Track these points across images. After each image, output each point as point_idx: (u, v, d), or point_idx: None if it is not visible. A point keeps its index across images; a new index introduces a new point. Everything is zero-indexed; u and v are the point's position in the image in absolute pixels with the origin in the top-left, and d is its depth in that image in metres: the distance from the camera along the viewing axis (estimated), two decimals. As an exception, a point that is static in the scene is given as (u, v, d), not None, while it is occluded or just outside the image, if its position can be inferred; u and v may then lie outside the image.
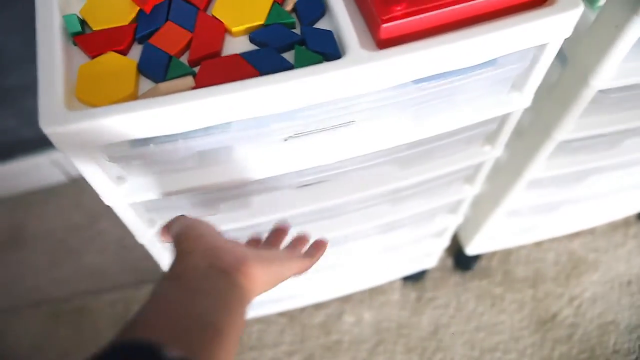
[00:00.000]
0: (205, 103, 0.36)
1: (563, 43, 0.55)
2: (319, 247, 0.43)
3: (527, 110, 0.62)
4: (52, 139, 0.36)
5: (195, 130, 0.40)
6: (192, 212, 0.48)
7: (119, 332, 0.26)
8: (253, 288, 0.33)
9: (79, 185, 1.05)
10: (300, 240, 0.44)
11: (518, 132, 0.65)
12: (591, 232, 1.00)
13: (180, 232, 0.34)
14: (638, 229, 1.01)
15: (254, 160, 0.47)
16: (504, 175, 0.72)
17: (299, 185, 0.55)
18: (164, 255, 0.62)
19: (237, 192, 0.52)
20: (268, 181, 0.49)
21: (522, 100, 0.49)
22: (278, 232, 0.45)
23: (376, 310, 0.93)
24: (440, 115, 0.49)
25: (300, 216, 0.58)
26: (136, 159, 0.42)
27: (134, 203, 0.48)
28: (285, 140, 0.46)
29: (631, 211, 0.99)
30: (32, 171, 1.02)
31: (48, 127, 0.34)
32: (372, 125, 0.48)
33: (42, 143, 0.97)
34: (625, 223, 1.01)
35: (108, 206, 0.51)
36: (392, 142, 0.48)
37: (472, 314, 0.93)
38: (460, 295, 0.94)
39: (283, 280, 0.37)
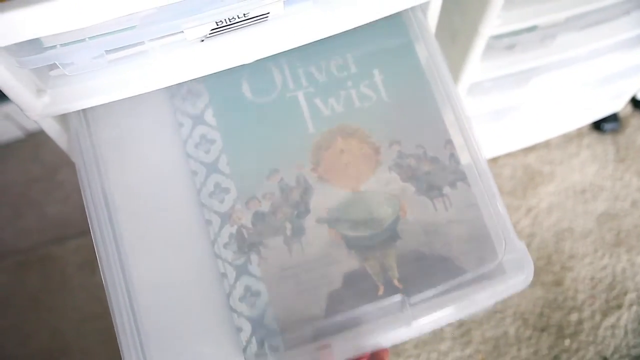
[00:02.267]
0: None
1: None
2: None
3: (456, 12, 0.63)
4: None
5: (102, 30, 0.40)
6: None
7: None
8: None
9: (35, 139, 1.04)
10: None
11: (451, 35, 0.66)
12: (546, 145, 1.02)
13: None
14: (591, 139, 1.03)
15: (172, 64, 0.46)
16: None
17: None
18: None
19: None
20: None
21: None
22: None
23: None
24: (352, 6, 0.48)
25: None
26: (46, 62, 0.41)
27: (61, 117, 0.48)
28: (202, 41, 0.46)
29: (584, 122, 1.00)
30: (-14, 128, 1.01)
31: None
32: (287, 20, 0.48)
33: (-8, 97, 0.96)
34: (579, 134, 1.03)
35: (66, 157, 0.51)
36: (308, 37, 0.48)
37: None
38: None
39: None
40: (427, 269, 0.45)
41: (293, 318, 0.45)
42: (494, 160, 1.00)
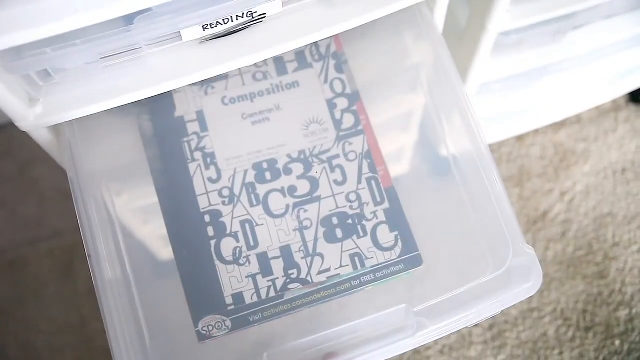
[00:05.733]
0: None
1: None
2: None
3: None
4: None
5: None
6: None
7: None
8: None
9: (7, 133, 0.94)
10: None
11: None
12: (577, 120, 0.90)
13: None
14: (629, 112, 0.91)
15: (169, 68, 0.43)
16: (466, 44, 0.62)
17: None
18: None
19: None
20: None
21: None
22: None
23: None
24: (356, 3, 0.44)
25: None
26: (35, 68, 0.39)
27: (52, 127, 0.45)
28: (200, 43, 0.43)
29: (620, 93, 0.88)
30: (-49, 121, 0.91)
31: None
32: (285, 20, 0.44)
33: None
34: (615, 107, 0.91)
35: (41, 153, 0.49)
36: (310, 37, 0.44)
37: (454, 222, 0.84)
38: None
39: None
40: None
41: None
42: (520, 139, 0.89)
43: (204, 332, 0.40)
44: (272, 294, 0.41)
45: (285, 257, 0.42)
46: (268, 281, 0.42)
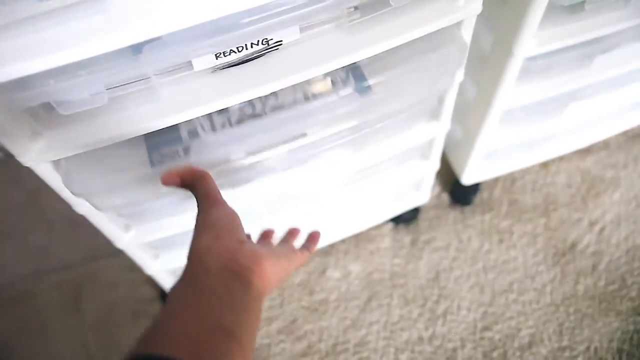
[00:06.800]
0: None
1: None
2: (313, 239, 0.44)
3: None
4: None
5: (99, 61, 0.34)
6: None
7: (135, 344, 0.26)
8: (266, 286, 0.33)
9: (17, 161, 0.92)
10: (292, 234, 0.44)
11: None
12: (605, 146, 0.87)
13: (200, 221, 0.34)
14: (659, 138, 0.87)
15: (179, 98, 0.41)
16: (490, 69, 0.59)
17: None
18: (110, 227, 0.55)
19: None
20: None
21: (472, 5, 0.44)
22: (269, 231, 0.45)
23: (364, 261, 0.80)
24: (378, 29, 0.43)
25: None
26: (37, 101, 0.36)
27: (55, 162, 0.44)
28: (212, 72, 0.41)
29: (649, 118, 0.85)
30: (-38, 150, 0.90)
31: None
32: (303, 47, 0.42)
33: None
34: (644, 133, 0.88)
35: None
36: (328, 65, 0.42)
37: (477, 254, 0.80)
38: (462, 234, 0.81)
39: (289, 276, 0.38)
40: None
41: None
42: (544, 166, 0.85)
43: (157, 160, 0.42)
44: (228, 127, 0.45)
45: None
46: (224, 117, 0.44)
